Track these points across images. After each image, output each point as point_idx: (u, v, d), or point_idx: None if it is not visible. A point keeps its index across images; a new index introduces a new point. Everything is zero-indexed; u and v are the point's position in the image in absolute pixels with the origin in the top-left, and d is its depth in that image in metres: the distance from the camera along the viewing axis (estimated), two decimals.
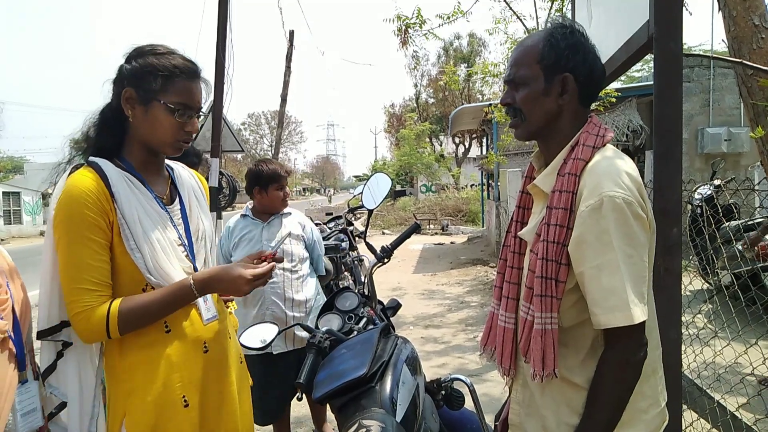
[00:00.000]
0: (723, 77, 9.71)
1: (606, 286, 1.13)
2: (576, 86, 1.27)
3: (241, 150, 7.24)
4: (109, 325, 1.36)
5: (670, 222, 1.55)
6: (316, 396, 1.66)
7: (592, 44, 1.30)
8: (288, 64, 12.92)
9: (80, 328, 1.37)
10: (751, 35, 2.68)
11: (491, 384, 4.24)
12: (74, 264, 1.37)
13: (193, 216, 1.64)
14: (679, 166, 1.54)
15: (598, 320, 1.16)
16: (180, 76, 1.47)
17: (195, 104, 1.51)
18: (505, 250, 1.43)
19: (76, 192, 1.39)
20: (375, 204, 2.41)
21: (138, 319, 1.41)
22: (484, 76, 8.83)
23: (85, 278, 1.37)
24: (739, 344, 3.17)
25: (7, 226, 24.45)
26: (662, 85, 1.55)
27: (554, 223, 1.20)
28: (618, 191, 1.14)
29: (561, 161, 1.27)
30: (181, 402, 1.48)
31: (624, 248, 1.13)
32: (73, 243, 1.37)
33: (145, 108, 1.46)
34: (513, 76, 1.32)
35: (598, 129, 1.28)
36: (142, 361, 1.45)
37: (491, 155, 10.06)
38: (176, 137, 1.50)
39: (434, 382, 1.95)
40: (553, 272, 1.19)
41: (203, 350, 1.55)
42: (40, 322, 1.41)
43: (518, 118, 1.32)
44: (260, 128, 61.88)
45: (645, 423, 1.24)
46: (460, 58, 35.32)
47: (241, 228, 3.05)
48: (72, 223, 1.37)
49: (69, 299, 1.37)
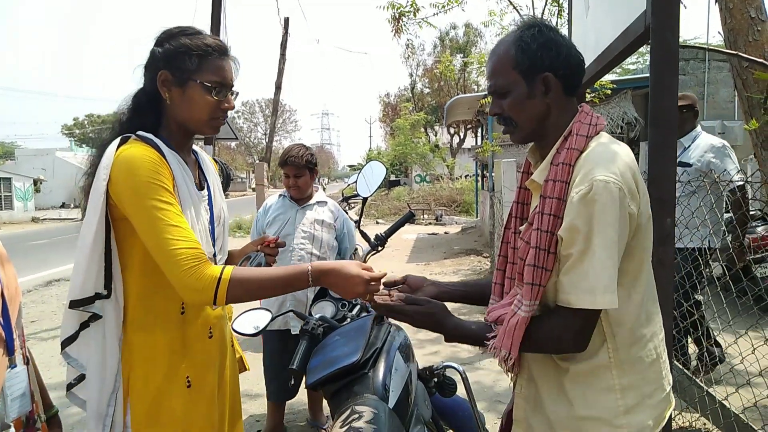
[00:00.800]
0: (718, 70, 9.72)
1: (585, 269, 1.15)
2: (558, 81, 1.27)
3: (235, 138, 7.22)
4: (219, 287, 1.33)
5: (664, 212, 1.55)
6: (309, 382, 1.67)
7: (563, 36, 1.30)
8: (283, 52, 12.84)
9: (190, 284, 1.33)
10: (747, 27, 2.68)
11: (483, 372, 4.27)
12: (167, 225, 1.35)
13: (217, 201, 1.67)
14: (673, 156, 1.55)
15: (568, 299, 1.18)
16: (213, 54, 1.49)
17: (229, 81, 1.52)
18: (504, 247, 1.43)
19: (144, 161, 1.38)
20: (369, 192, 2.40)
21: (249, 290, 1.39)
22: (479, 66, 8.81)
23: (185, 236, 1.36)
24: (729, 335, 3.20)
25: None
26: (658, 76, 1.54)
27: (547, 212, 1.20)
28: (608, 177, 1.14)
29: (555, 152, 1.27)
30: (184, 382, 1.51)
31: (608, 233, 1.13)
32: (158, 206, 1.35)
33: (182, 89, 1.48)
34: (494, 86, 1.32)
35: (590, 117, 1.28)
36: (154, 341, 1.47)
37: (486, 145, 10.04)
38: (214, 115, 1.51)
39: (427, 369, 1.96)
40: (543, 261, 1.20)
41: (208, 335, 1.59)
42: (72, 292, 1.40)
43: (510, 125, 1.33)
44: (254, 116, 61.56)
45: (650, 408, 1.25)
46: (456, 48, 35.14)
47: (276, 207, 3.17)
48: (150, 189, 1.36)
49: (172, 259, 1.33)
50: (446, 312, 1.35)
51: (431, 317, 1.34)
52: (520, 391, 1.40)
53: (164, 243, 1.34)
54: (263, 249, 1.71)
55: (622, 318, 1.23)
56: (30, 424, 1.35)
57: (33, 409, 1.37)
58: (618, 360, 1.24)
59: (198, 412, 1.54)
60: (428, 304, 1.35)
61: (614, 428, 1.22)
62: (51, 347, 5.37)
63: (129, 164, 1.37)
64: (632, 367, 1.24)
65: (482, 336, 1.31)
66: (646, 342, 1.26)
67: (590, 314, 1.18)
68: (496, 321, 1.30)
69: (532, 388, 1.35)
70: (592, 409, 1.24)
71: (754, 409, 2.51)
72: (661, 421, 1.27)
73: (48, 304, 7.50)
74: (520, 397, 1.39)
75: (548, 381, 1.31)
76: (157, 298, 1.48)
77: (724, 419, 2.56)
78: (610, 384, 1.23)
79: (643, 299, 1.26)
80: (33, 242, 15.34)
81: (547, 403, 1.31)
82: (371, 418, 1.40)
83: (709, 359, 3.50)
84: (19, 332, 1.37)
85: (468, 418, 2.19)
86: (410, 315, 1.34)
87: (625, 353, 1.24)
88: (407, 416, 1.68)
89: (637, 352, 1.25)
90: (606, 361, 1.24)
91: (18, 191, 25.69)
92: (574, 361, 1.26)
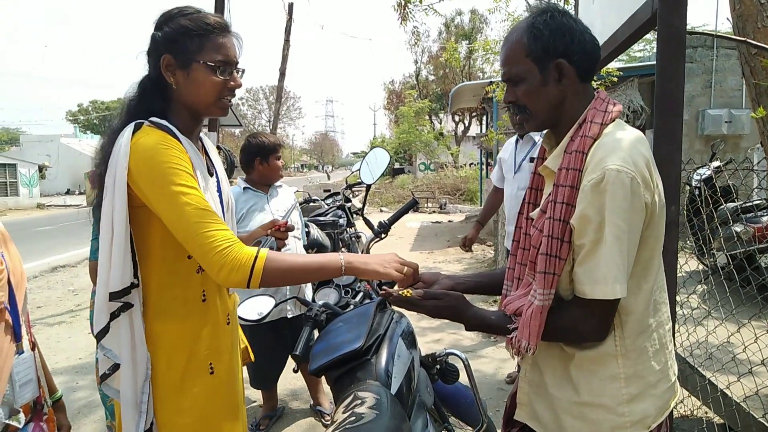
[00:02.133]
0: (726, 58, 9.61)
1: (598, 259, 1.15)
2: (572, 67, 1.25)
3: (239, 125, 7.20)
4: (255, 266, 1.33)
5: (668, 199, 1.53)
6: (312, 368, 1.67)
7: (576, 20, 1.28)
8: (287, 38, 12.73)
9: (227, 263, 1.31)
10: (756, 14, 2.65)
11: (486, 360, 4.28)
12: (196, 209, 1.33)
13: (224, 188, 1.66)
14: (678, 143, 1.53)
15: (584, 290, 1.18)
16: (214, 32, 1.45)
17: (233, 59, 1.49)
18: (517, 232, 1.42)
19: (164, 146, 1.36)
20: (373, 179, 2.40)
21: (283, 274, 1.38)
22: (485, 54, 8.74)
23: (214, 219, 1.35)
24: (731, 324, 3.20)
25: (4, 198, 24.42)
26: (665, 62, 1.53)
27: (560, 201, 1.19)
28: (621, 165, 1.13)
29: (569, 139, 1.26)
30: (207, 368, 1.52)
31: (618, 223, 1.13)
32: (183, 191, 1.33)
33: (186, 71, 1.45)
34: (508, 74, 1.31)
35: (606, 104, 1.26)
36: (177, 328, 1.47)
37: (491, 133, 10.00)
38: (221, 95, 1.49)
39: (429, 356, 1.97)
40: (557, 249, 1.19)
41: (227, 322, 1.60)
42: (113, 283, 1.37)
43: (524, 113, 1.31)
44: (258, 103, 61.39)
45: (655, 397, 1.25)
46: (461, 35, 34.84)
47: (245, 200, 3.13)
48: (173, 174, 1.34)
49: (206, 240, 1.32)
50: (465, 302, 1.36)
51: (451, 309, 1.34)
52: (524, 375, 1.40)
53: (196, 227, 1.32)
54: (273, 233, 1.71)
55: (631, 307, 1.22)
56: (38, 409, 1.36)
57: (41, 395, 1.38)
58: (624, 349, 1.24)
59: (220, 398, 1.55)
60: (446, 297, 1.35)
61: (617, 416, 1.23)
62: (57, 333, 5.42)
63: (148, 152, 1.35)
64: (638, 357, 1.24)
65: (502, 325, 1.31)
66: (652, 331, 1.26)
67: (608, 304, 1.17)
68: (515, 312, 1.30)
69: (537, 373, 1.36)
70: (595, 396, 1.24)
71: (755, 398, 2.52)
72: (664, 411, 1.27)
73: (54, 290, 7.55)
74: (525, 381, 1.40)
75: (553, 366, 1.32)
76: (178, 286, 1.47)
77: (725, 408, 2.56)
78: (615, 372, 1.23)
79: (653, 289, 1.25)
80: (38, 228, 15.43)
81: (551, 388, 1.32)
82: (374, 403, 1.40)
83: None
84: (25, 318, 1.37)
85: (470, 405, 2.20)
86: (430, 308, 1.35)
87: (631, 342, 1.24)
88: (409, 402, 1.69)
89: (644, 341, 1.25)
90: (612, 349, 1.24)
91: (23, 177, 25.79)
92: (579, 348, 1.26)
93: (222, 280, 1.34)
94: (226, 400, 1.58)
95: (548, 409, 1.33)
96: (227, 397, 1.59)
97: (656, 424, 1.25)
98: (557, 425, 1.31)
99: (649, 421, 1.24)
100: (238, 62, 1.53)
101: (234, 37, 1.52)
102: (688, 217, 4.29)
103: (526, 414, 1.40)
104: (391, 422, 1.36)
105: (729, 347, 3.60)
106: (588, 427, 1.25)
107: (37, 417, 1.37)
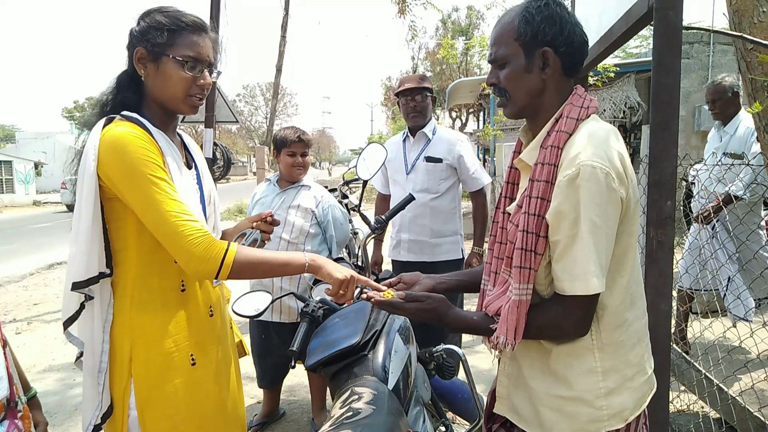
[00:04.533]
0: (722, 54, 9.63)
1: (574, 255, 1.15)
2: (557, 58, 1.26)
3: (236, 121, 7.17)
4: (225, 259, 1.37)
5: (664, 194, 1.54)
6: (308, 364, 1.67)
7: (569, 13, 1.28)
8: (283, 34, 12.71)
9: (198, 254, 1.35)
10: (752, 8, 2.64)
11: (482, 355, 4.29)
12: (166, 199, 1.36)
13: (206, 181, 1.67)
14: (674, 137, 1.53)
15: (562, 286, 1.18)
16: (186, 29, 1.48)
17: (204, 57, 1.51)
18: (494, 227, 1.43)
19: (132, 138, 1.38)
20: (370, 174, 2.39)
21: (251, 267, 1.44)
22: (482, 50, 8.73)
23: (185, 210, 1.38)
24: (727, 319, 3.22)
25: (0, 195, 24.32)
26: (661, 56, 1.52)
27: (535, 196, 1.20)
28: (595, 161, 1.13)
29: (545, 134, 1.27)
30: (188, 360, 1.52)
31: (593, 218, 1.13)
32: (153, 181, 1.36)
33: (156, 64, 1.47)
34: (494, 55, 1.32)
35: (582, 100, 1.27)
36: (156, 319, 1.48)
37: (488, 129, 10.00)
38: (188, 92, 1.50)
39: (426, 352, 1.97)
40: (532, 244, 1.20)
41: (209, 314, 1.61)
42: (77, 274, 1.40)
43: (504, 97, 1.33)
44: (255, 100, 61.12)
45: (631, 390, 1.26)
46: (458, 31, 34.79)
47: (261, 192, 3.12)
48: (142, 164, 1.36)
49: (177, 230, 1.35)
50: (447, 304, 1.36)
51: (433, 312, 1.34)
52: (503, 369, 1.41)
53: (167, 216, 1.35)
54: (259, 226, 1.73)
55: (606, 301, 1.23)
56: (11, 406, 1.36)
57: (13, 392, 1.38)
58: (600, 343, 1.24)
59: (203, 390, 1.55)
60: (428, 300, 1.35)
61: (594, 409, 1.24)
62: (54, 330, 5.41)
63: (117, 143, 1.37)
64: (615, 350, 1.25)
65: (484, 325, 1.32)
66: (628, 325, 1.27)
67: (588, 299, 1.18)
68: (497, 312, 1.30)
69: (516, 367, 1.37)
70: (573, 390, 1.25)
71: (751, 392, 2.53)
72: (642, 404, 1.28)
73: (50, 287, 7.54)
74: (504, 374, 1.41)
75: (531, 360, 1.32)
76: (155, 277, 1.48)
77: (721, 402, 2.57)
78: (592, 366, 1.24)
79: (628, 283, 1.26)
80: (35, 225, 15.39)
81: (529, 381, 1.32)
82: (371, 398, 1.41)
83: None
84: None
85: (467, 401, 2.21)
86: (412, 311, 1.35)
87: (608, 336, 1.24)
88: (406, 398, 1.69)
89: (620, 335, 1.25)
90: (589, 343, 1.24)
91: (19, 174, 25.71)
92: (557, 342, 1.27)
93: (191, 271, 1.39)
94: (212, 393, 1.57)
95: (527, 402, 1.33)
96: (214, 390, 1.58)
97: (634, 416, 1.26)
98: (536, 418, 1.31)
99: (626, 414, 1.25)
100: (212, 63, 1.55)
101: (209, 39, 1.53)
102: (684, 213, 4.29)
103: (505, 407, 1.40)
104: (388, 417, 1.37)
105: (725, 342, 3.61)
106: (566, 420, 1.26)
107: (11, 414, 1.37)
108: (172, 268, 1.49)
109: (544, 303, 1.25)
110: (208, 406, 1.57)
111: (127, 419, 1.45)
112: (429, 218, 3.20)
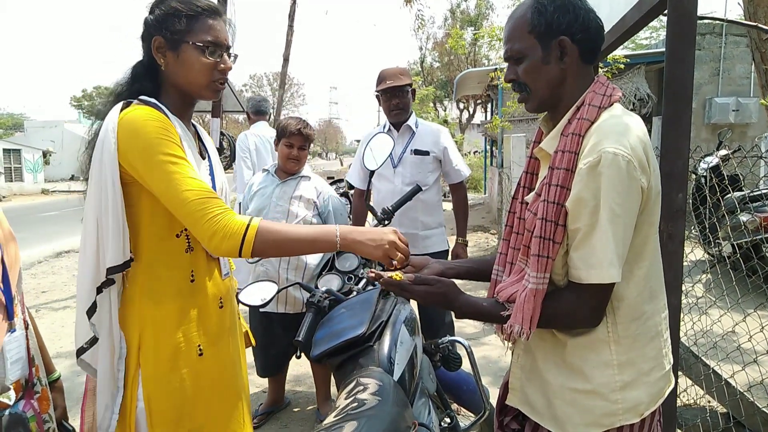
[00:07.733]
0: (735, 45, 9.51)
1: (593, 243, 1.13)
2: (575, 46, 1.24)
3: (243, 110, 7.15)
4: (246, 236, 1.33)
5: (675, 186, 1.52)
6: (314, 354, 1.67)
7: (582, 0, 1.26)
8: (291, 23, 12.63)
9: (219, 230, 1.32)
10: None
11: (488, 347, 4.29)
12: (185, 178, 1.34)
13: (218, 172, 1.66)
14: (686, 129, 1.51)
15: (579, 274, 1.17)
16: (203, 14, 1.47)
17: (222, 41, 1.50)
18: (510, 217, 1.41)
19: (151, 118, 1.37)
20: (377, 165, 2.38)
21: (276, 242, 1.37)
22: (490, 40, 8.67)
23: (204, 187, 1.36)
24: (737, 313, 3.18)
25: (8, 184, 24.50)
26: (674, 46, 1.50)
27: (555, 184, 1.18)
28: (618, 148, 1.11)
29: (566, 122, 1.24)
30: (196, 350, 1.51)
31: (613, 207, 1.11)
32: (172, 161, 1.35)
33: (176, 53, 1.46)
34: (510, 51, 1.29)
35: (605, 88, 1.25)
36: (165, 309, 1.47)
37: (496, 120, 9.95)
38: (211, 77, 1.49)
39: (432, 343, 1.96)
40: (551, 233, 1.18)
41: (219, 305, 1.60)
42: (113, 258, 1.38)
43: (525, 92, 1.30)
44: (262, 89, 61.02)
45: (647, 385, 1.24)
46: (466, 21, 34.47)
47: (259, 182, 3.09)
48: (161, 144, 1.35)
49: (198, 207, 1.33)
50: (456, 290, 1.34)
51: (442, 296, 1.32)
52: (516, 361, 1.39)
53: (186, 195, 1.33)
54: None
55: (623, 293, 1.21)
56: (29, 387, 1.36)
57: (32, 373, 1.38)
58: (617, 335, 1.22)
59: (210, 380, 1.54)
60: (438, 284, 1.33)
61: (609, 403, 1.22)
62: (62, 317, 5.45)
63: (135, 124, 1.36)
64: (631, 344, 1.23)
65: (495, 313, 1.30)
66: (646, 319, 1.24)
67: (603, 289, 1.16)
68: (509, 299, 1.28)
69: (530, 358, 1.35)
70: (588, 383, 1.23)
71: (760, 387, 2.51)
72: (658, 399, 1.26)
73: (59, 275, 7.59)
74: (517, 366, 1.39)
75: (545, 351, 1.31)
76: (166, 266, 1.48)
77: (729, 397, 2.56)
78: (608, 359, 1.22)
79: (647, 275, 1.23)
80: (43, 214, 15.49)
81: (543, 373, 1.31)
82: (376, 389, 1.40)
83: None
84: (19, 298, 1.37)
85: (473, 392, 2.21)
86: (421, 294, 1.33)
87: (624, 329, 1.22)
88: (412, 389, 1.69)
89: (637, 328, 1.23)
90: (605, 335, 1.22)
91: (28, 163, 25.86)
92: (572, 334, 1.25)
93: (213, 248, 1.36)
94: (217, 384, 1.57)
95: (541, 394, 1.32)
96: (219, 381, 1.58)
97: (649, 411, 1.24)
98: (549, 411, 1.30)
99: (641, 409, 1.23)
100: (230, 46, 1.53)
101: (225, 23, 1.53)
102: (694, 206, 4.26)
103: (518, 399, 1.39)
104: (393, 408, 1.36)
105: (734, 336, 3.59)
106: (580, 413, 1.24)
107: (28, 395, 1.37)
108: (184, 257, 1.48)
109: (559, 291, 1.23)
110: (215, 396, 1.56)
111: (135, 409, 1.45)
112: (419, 211, 3.19)
